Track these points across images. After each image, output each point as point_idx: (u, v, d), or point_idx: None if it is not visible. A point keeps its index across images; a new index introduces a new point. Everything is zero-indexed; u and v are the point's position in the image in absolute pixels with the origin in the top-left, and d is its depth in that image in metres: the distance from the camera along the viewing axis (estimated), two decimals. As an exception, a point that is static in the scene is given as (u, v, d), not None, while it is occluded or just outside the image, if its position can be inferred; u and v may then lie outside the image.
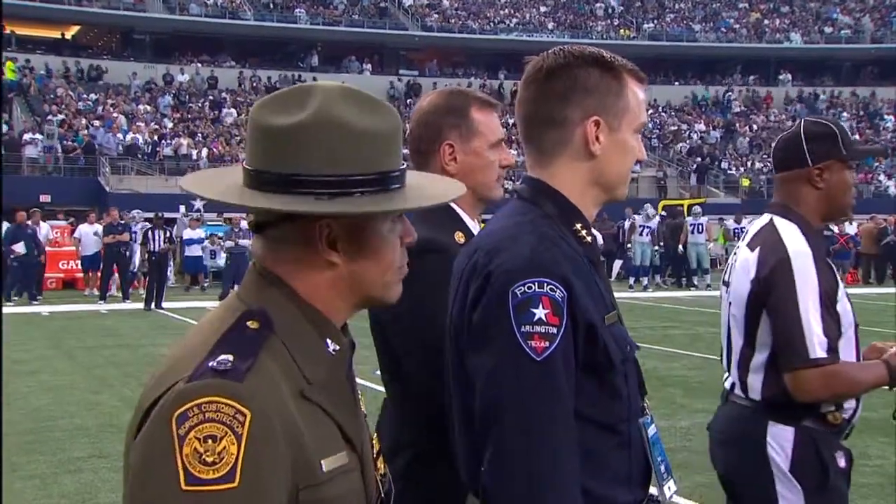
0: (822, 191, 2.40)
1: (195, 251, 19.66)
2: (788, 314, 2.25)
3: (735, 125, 38.72)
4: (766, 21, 44.68)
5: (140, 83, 33.69)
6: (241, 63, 37.39)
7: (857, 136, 36.79)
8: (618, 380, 1.49)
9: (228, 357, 1.08)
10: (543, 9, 43.31)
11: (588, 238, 1.55)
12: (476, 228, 2.05)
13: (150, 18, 36.40)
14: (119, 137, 28.58)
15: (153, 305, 15.95)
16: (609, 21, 43.36)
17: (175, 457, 1.01)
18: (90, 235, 17.85)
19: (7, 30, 32.06)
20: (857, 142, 2.50)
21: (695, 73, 42.50)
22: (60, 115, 29.17)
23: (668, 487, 1.58)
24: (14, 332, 11.93)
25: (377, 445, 1.33)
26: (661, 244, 20.47)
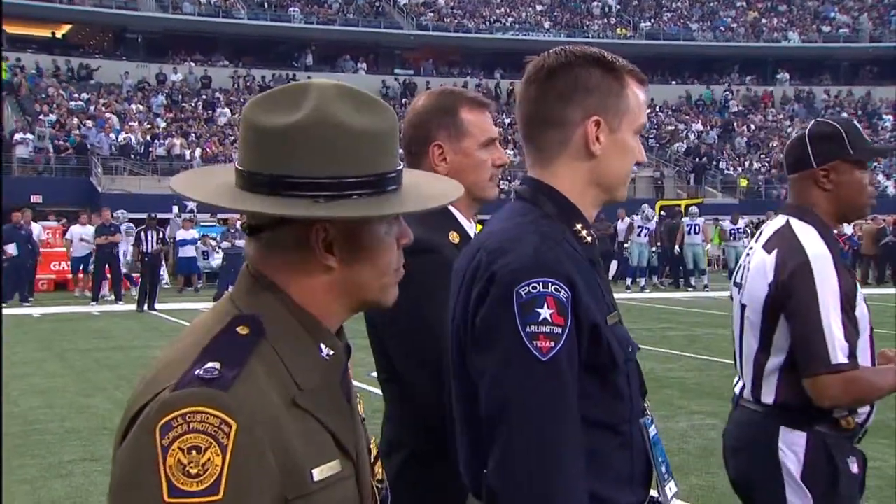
0: (831, 192, 2.39)
1: (189, 252, 19.55)
2: (809, 319, 2.23)
3: (732, 125, 38.65)
4: (764, 20, 44.66)
5: (132, 82, 33.57)
6: (235, 62, 37.29)
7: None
8: (620, 380, 1.49)
9: (215, 365, 1.05)
10: (540, 8, 43.26)
11: (588, 238, 1.55)
12: (471, 228, 2.05)
13: (143, 17, 36.27)
14: (111, 137, 28.45)
15: (146, 307, 15.88)
16: (606, 20, 43.31)
17: (158, 468, 0.99)
18: (81, 237, 17.79)
19: (-1, 28, 31.89)
20: (868, 141, 2.46)
21: (692, 73, 42.49)
22: (52, 116, 29.05)
23: (669, 488, 1.58)
24: (5, 334, 11.70)
25: (375, 451, 1.30)
26: (659, 245, 20.45)
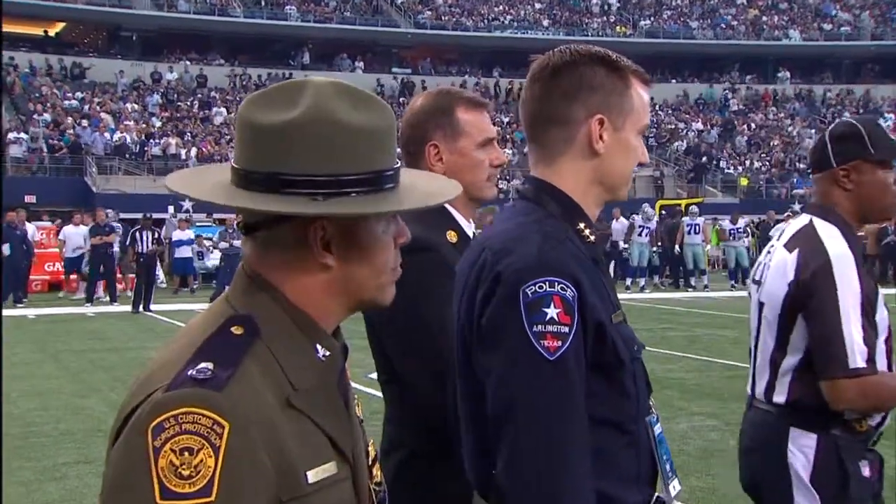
0: (853, 192, 2.38)
1: (185, 252, 19.58)
2: (829, 321, 2.22)
3: (733, 124, 38.53)
4: (765, 18, 44.51)
5: (127, 81, 33.48)
6: (231, 61, 37.16)
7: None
8: (626, 379, 1.50)
9: (208, 365, 1.04)
10: (538, 6, 43.09)
11: (591, 237, 1.55)
12: (469, 228, 2.06)
13: (138, 15, 36.10)
14: (106, 137, 28.36)
15: (141, 308, 15.81)
16: (605, 18, 43.19)
17: (150, 470, 0.99)
18: (75, 237, 17.79)
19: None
20: (894, 141, 2.43)
21: (692, 71, 42.35)
22: (46, 115, 28.96)
23: (673, 486, 1.59)
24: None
25: (373, 452, 1.29)
26: (660, 245, 20.48)
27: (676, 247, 20.17)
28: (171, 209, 21.29)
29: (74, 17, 37.19)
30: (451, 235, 2.00)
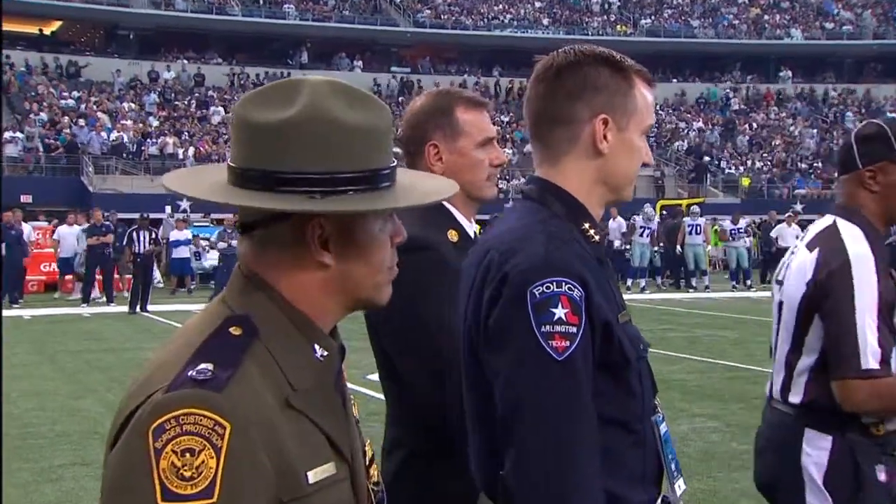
0: (878, 193, 2.37)
1: (182, 253, 19.68)
2: (843, 321, 2.22)
3: (734, 123, 38.40)
4: (766, 17, 44.41)
5: (124, 80, 33.35)
6: (229, 60, 37.11)
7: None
8: (633, 378, 1.50)
9: (208, 366, 1.04)
10: (538, 4, 42.98)
11: (596, 237, 1.56)
12: (471, 228, 2.07)
13: (135, 14, 36.01)
14: (103, 136, 28.27)
15: (138, 308, 15.78)
16: (605, 17, 43.11)
17: (151, 471, 0.98)
18: (70, 237, 17.79)
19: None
20: None
21: (693, 71, 42.23)
22: (43, 114, 28.87)
23: (679, 486, 1.59)
24: (-1, 336, 11.77)
25: (370, 453, 1.29)
26: (661, 245, 20.48)
27: (678, 247, 20.15)
28: (169, 209, 21.32)
29: (71, 16, 37.07)
30: (452, 234, 2.01)
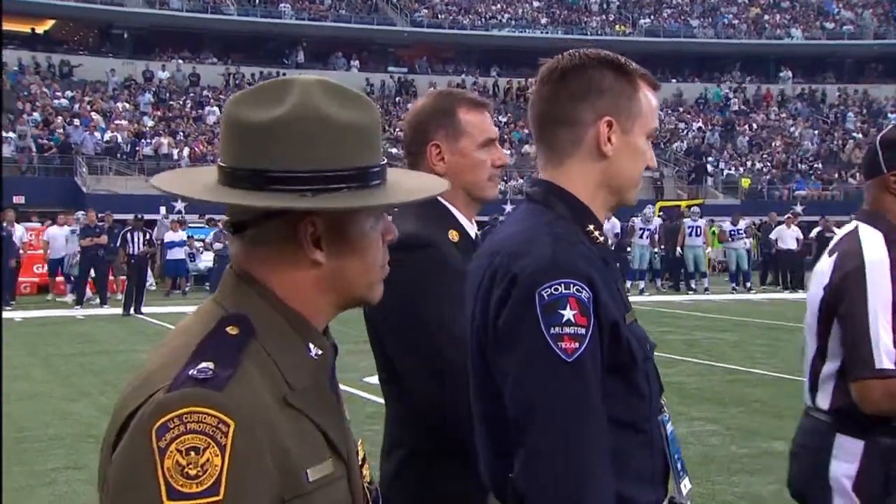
0: None
1: (177, 254, 19.54)
2: (857, 322, 2.25)
3: (734, 124, 38.23)
4: (766, 16, 44.28)
5: (119, 80, 33.28)
6: (224, 59, 36.97)
7: (861, 136, 36.32)
8: (640, 378, 1.51)
9: (209, 365, 1.05)
10: (536, 4, 42.85)
11: (601, 238, 1.58)
12: (471, 228, 2.09)
13: (129, 13, 35.92)
14: (97, 136, 28.15)
15: (132, 310, 15.69)
16: (604, 16, 43.00)
17: (156, 471, 0.99)
18: (60, 238, 17.71)
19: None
20: None
21: (692, 71, 42.07)
22: (36, 114, 28.75)
23: (685, 485, 1.60)
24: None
25: (362, 452, 1.29)
26: (662, 247, 20.41)
27: (678, 248, 20.07)
28: (163, 210, 21.24)
29: (64, 15, 36.95)
30: (453, 235, 2.03)
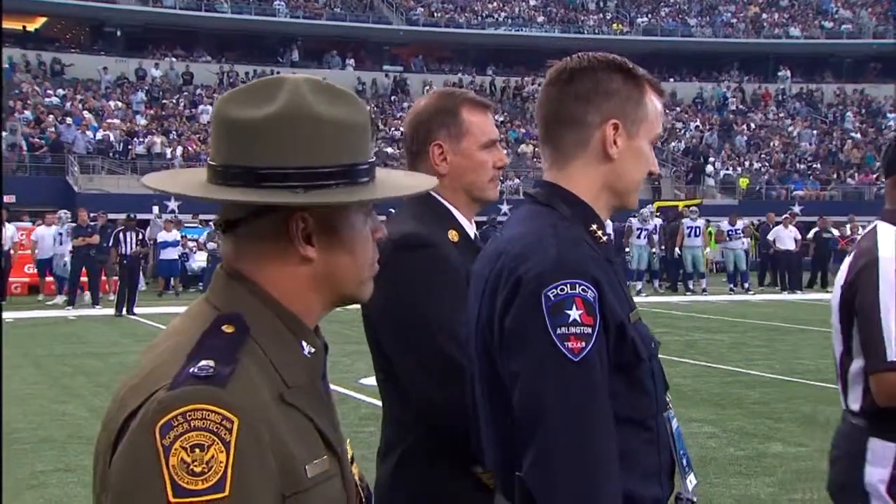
0: None
1: (170, 254, 19.37)
2: (870, 317, 2.27)
3: (732, 124, 38.06)
4: (765, 15, 44.13)
5: (111, 78, 33.04)
6: (218, 58, 36.76)
7: (860, 136, 36.18)
8: (646, 376, 1.53)
9: (209, 363, 1.05)
10: (533, 2, 42.66)
11: (604, 238, 1.59)
12: (471, 229, 2.11)
13: (122, 10, 35.73)
14: (89, 135, 27.93)
15: (125, 311, 15.60)
16: (601, 15, 42.86)
17: (161, 469, 0.99)
18: (48, 238, 17.60)
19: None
20: None
21: (690, 70, 41.90)
22: (27, 112, 28.55)
23: (690, 480, 1.63)
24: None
25: (351, 451, 1.30)
26: (662, 247, 20.31)
27: (676, 249, 20.00)
28: (156, 209, 21.04)
29: (56, 12, 36.77)
30: (453, 235, 2.04)
